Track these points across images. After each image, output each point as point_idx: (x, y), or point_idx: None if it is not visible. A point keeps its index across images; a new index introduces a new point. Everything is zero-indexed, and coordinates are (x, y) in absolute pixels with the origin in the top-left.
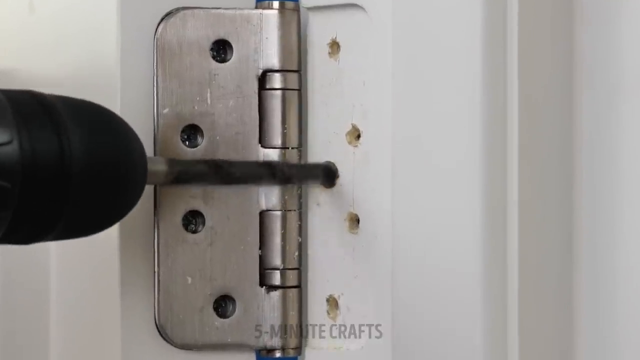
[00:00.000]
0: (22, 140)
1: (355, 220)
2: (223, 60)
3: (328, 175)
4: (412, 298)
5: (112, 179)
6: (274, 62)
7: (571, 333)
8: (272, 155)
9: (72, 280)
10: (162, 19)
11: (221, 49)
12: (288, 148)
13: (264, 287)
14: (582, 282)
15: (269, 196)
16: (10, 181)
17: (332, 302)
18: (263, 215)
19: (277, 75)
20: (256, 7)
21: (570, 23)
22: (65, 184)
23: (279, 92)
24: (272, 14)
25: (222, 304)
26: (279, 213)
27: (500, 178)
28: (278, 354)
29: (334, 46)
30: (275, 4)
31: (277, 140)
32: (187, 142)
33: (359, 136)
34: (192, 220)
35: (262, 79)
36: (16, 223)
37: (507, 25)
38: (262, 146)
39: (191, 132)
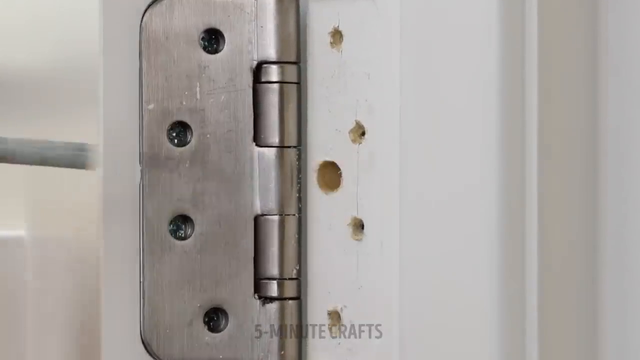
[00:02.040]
0: None
1: (359, 226)
2: (214, 51)
3: None
4: (422, 311)
5: None
6: (270, 52)
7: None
8: (268, 154)
9: (49, 293)
10: (147, 7)
11: (212, 39)
12: (286, 147)
13: (259, 298)
14: (607, 301)
15: (265, 199)
16: None
17: (334, 316)
18: (258, 220)
19: (274, 67)
20: None
21: (594, 5)
22: None
23: (275, 86)
24: (268, 1)
25: (214, 317)
26: (276, 218)
27: (519, 178)
28: None
29: (336, 35)
30: None
31: (274, 139)
32: (175, 141)
33: (363, 134)
34: (181, 225)
35: (257, 72)
36: None
37: (526, 11)
38: (257, 145)
39: (179, 130)
